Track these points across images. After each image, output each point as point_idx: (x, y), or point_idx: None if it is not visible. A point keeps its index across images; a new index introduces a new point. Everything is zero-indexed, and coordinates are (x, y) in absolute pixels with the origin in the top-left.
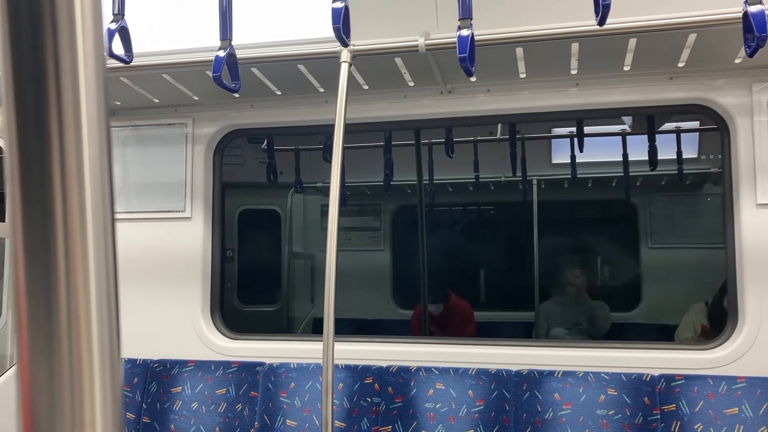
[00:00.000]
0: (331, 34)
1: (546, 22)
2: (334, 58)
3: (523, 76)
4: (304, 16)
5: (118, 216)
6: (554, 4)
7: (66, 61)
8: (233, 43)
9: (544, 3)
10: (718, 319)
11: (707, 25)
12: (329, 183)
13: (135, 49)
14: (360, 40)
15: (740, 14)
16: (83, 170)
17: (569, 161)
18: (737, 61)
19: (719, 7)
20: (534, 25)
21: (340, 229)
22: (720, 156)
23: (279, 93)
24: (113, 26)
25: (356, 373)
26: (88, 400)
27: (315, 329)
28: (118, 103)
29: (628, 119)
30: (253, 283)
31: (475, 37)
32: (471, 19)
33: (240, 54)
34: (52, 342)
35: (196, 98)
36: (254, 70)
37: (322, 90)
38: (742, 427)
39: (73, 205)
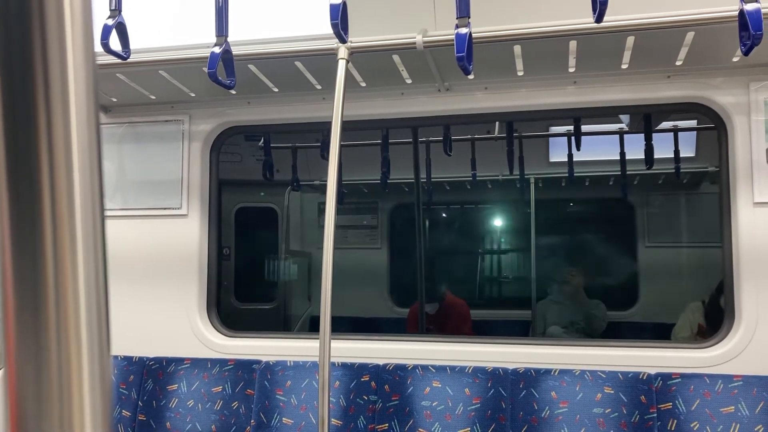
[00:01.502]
0: (329, 30)
1: (544, 20)
2: (331, 55)
3: (520, 74)
4: (302, 12)
5: (114, 213)
6: (552, 2)
7: (54, 55)
8: (229, 39)
9: (543, 0)
10: (715, 318)
11: (705, 23)
12: (326, 181)
13: (131, 45)
14: (357, 37)
15: (737, 12)
16: (72, 165)
17: (566, 160)
18: (735, 59)
19: (717, 5)
20: (532, 23)
21: (336, 227)
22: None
23: (276, 90)
24: (110, 22)
25: (353, 371)
26: (77, 397)
27: (312, 327)
28: (114, 100)
29: (625, 118)
30: (249, 281)
31: (473, 35)
32: (469, 17)
33: (236, 50)
34: (39, 339)
35: (193, 95)
36: (251, 66)
37: (319, 87)
38: (738, 425)
39: (61, 200)
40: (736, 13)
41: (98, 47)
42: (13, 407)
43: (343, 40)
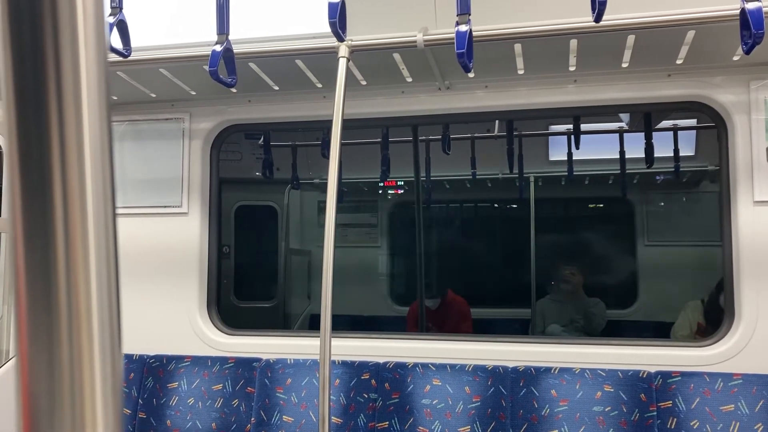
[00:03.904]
0: (329, 29)
1: (545, 18)
2: (332, 54)
3: (521, 72)
4: (303, 10)
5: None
6: (553, 1)
7: (66, 53)
8: (230, 37)
9: None
10: (715, 317)
11: (706, 22)
12: (326, 179)
13: (132, 44)
14: (358, 36)
15: (738, 11)
16: (84, 163)
17: (566, 158)
18: (735, 58)
19: (718, 3)
20: (533, 21)
21: (336, 225)
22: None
23: (276, 88)
24: (111, 20)
25: (353, 369)
26: (89, 393)
27: (311, 326)
28: (115, 98)
29: (625, 116)
30: (249, 279)
31: (473, 33)
32: (469, 14)
33: (237, 49)
34: (52, 334)
35: (194, 93)
36: (252, 65)
37: (319, 85)
38: (738, 423)
39: (73, 198)
40: (737, 11)
41: None
42: (25, 403)
43: (341, 39)
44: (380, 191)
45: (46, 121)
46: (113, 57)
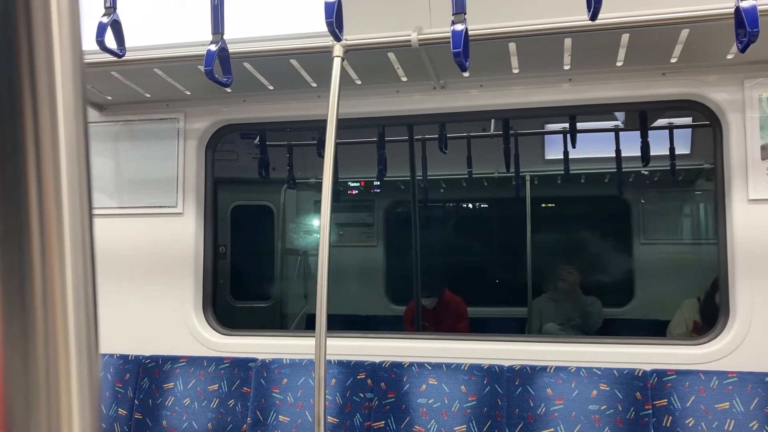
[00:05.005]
0: (324, 28)
1: (539, 17)
2: (326, 53)
3: (516, 71)
4: (297, 10)
5: (109, 212)
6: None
7: (41, 51)
8: (225, 37)
9: None
10: (710, 315)
11: (700, 20)
12: (322, 179)
13: (126, 43)
14: (353, 35)
15: (732, 9)
16: (59, 164)
17: (562, 157)
18: (729, 56)
19: (712, 2)
20: (527, 20)
21: (332, 224)
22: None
23: (271, 88)
24: (105, 20)
25: (349, 369)
26: (65, 396)
27: (308, 325)
28: (110, 98)
29: (621, 115)
30: (246, 279)
31: (469, 32)
32: (465, 13)
33: (232, 48)
34: (27, 336)
35: (188, 93)
36: (246, 64)
37: (314, 85)
38: (733, 421)
39: (48, 198)
40: (731, 10)
41: (93, 45)
42: (0, 405)
43: (338, 39)
44: (377, 191)
45: (20, 122)
46: (107, 57)
